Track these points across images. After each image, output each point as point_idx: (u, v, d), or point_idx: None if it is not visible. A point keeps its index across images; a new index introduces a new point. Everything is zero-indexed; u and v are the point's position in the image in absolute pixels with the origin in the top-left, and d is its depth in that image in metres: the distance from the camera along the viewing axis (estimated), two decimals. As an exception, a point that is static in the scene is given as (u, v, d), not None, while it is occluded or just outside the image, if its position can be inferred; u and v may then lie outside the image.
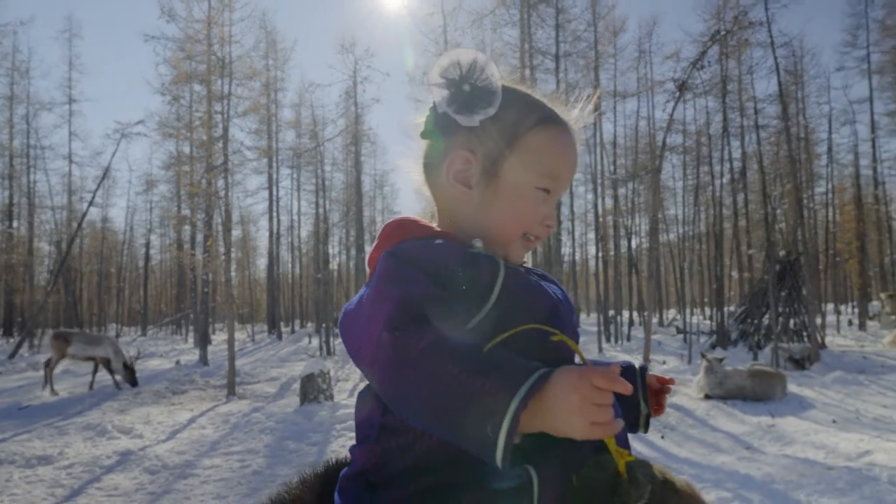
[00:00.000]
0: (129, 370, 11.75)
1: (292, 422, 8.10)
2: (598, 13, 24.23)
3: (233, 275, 15.69)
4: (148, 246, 39.58)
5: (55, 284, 26.73)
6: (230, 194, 15.32)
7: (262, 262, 42.00)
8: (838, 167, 31.00)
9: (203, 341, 17.87)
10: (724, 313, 20.25)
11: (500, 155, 0.97)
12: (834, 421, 7.71)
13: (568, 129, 1.02)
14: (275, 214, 31.87)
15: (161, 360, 17.99)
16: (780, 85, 16.65)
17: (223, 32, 15.35)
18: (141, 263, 41.96)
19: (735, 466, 5.81)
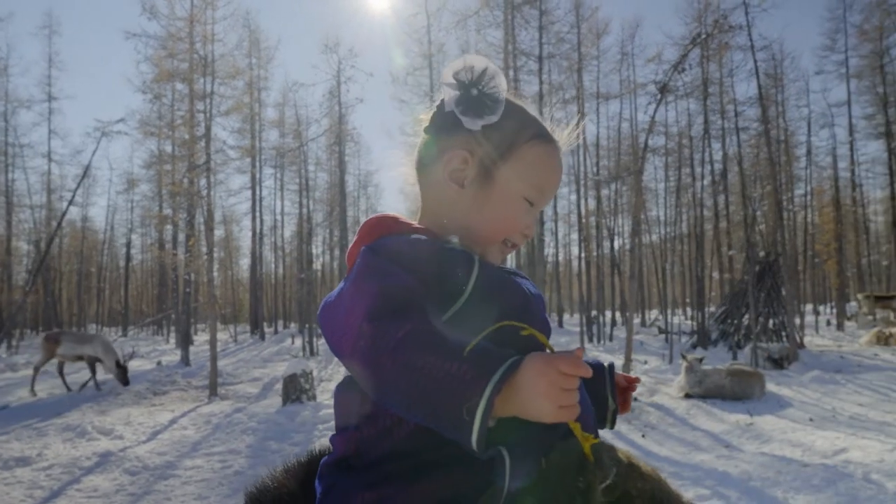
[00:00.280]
0: (122, 369, 11.51)
1: (274, 422, 8.08)
2: (582, 15, 24.41)
3: (215, 275, 15.59)
4: (129, 245, 39.22)
5: (34, 284, 26.37)
6: (212, 194, 15.20)
7: (245, 262, 41.74)
8: (817, 169, 31.48)
9: (185, 342, 17.73)
10: (705, 313, 20.44)
11: (496, 160, 1.02)
12: (811, 419, 7.83)
13: (558, 149, 1.07)
14: (258, 214, 31.73)
15: (142, 361, 17.80)
16: (760, 88, 16.86)
17: (206, 31, 15.28)
18: (122, 263, 41.57)
19: (714, 464, 5.88)
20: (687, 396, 9.52)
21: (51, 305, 31.27)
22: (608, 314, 29.59)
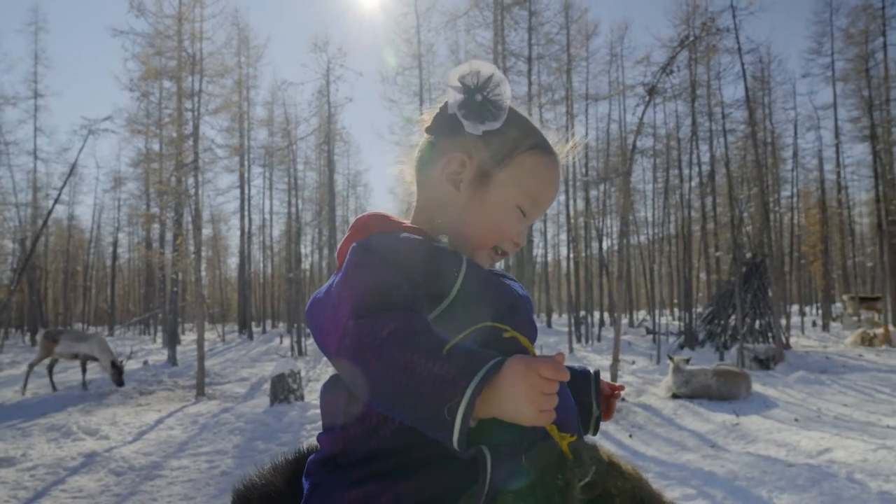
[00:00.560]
0: (117, 369, 11.42)
1: (262, 422, 8.05)
2: (571, 17, 24.49)
3: (203, 274, 15.51)
4: (116, 244, 38.93)
5: (19, 283, 26.11)
6: (200, 192, 15.12)
7: (234, 262, 41.59)
8: (803, 172, 31.74)
9: (172, 341, 17.62)
10: (693, 314, 20.57)
11: (494, 166, 1.03)
12: (796, 419, 7.90)
13: (557, 162, 1.08)
14: (246, 213, 31.59)
15: (129, 361, 17.68)
16: (748, 90, 16.98)
17: (194, 28, 15.19)
18: (108, 262, 41.19)
19: (700, 464, 5.92)
20: (674, 397, 9.58)
21: (36, 304, 30.97)
22: (596, 314, 29.72)
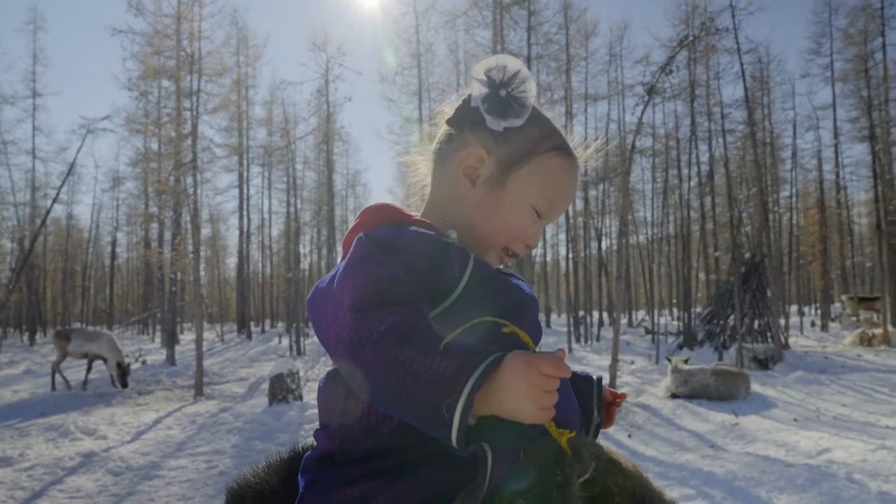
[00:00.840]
0: (122, 371, 11.46)
1: (260, 422, 8.03)
2: (570, 17, 24.50)
3: (202, 273, 15.49)
4: (114, 244, 38.87)
5: (17, 282, 26.08)
6: (199, 192, 15.10)
7: (232, 261, 41.55)
8: (802, 172, 31.76)
9: (170, 341, 17.61)
10: (692, 314, 20.57)
11: (513, 165, 1.00)
12: (795, 419, 7.89)
13: (576, 166, 1.06)
14: (245, 213, 31.56)
15: (136, 364, 17.69)
16: (747, 90, 16.99)
17: (193, 28, 15.16)
18: (107, 262, 41.15)
19: (699, 464, 5.92)
20: (673, 396, 9.57)
21: (34, 304, 30.94)
22: (595, 314, 29.71)
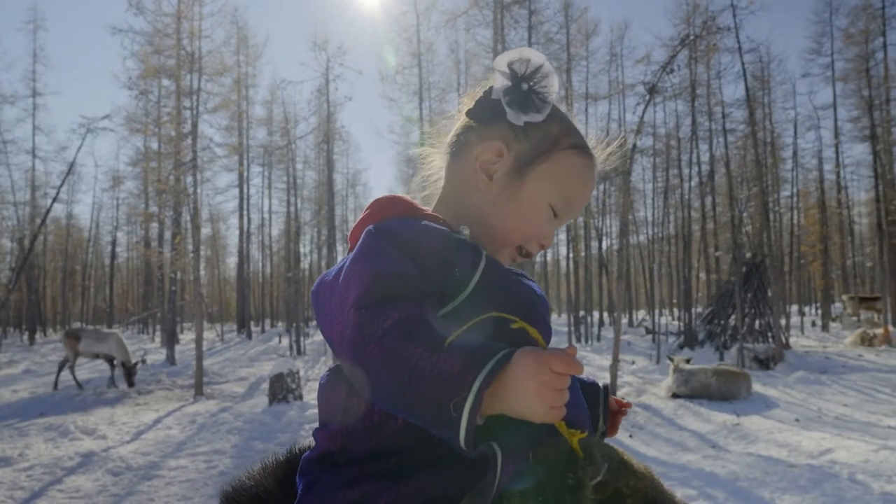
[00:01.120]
0: (128, 370, 11.52)
1: (260, 422, 8.02)
2: (571, 16, 24.45)
3: (202, 273, 15.47)
4: (114, 243, 38.81)
5: (17, 282, 26.06)
6: (199, 191, 15.08)
7: (232, 261, 41.53)
8: (803, 171, 31.73)
9: (170, 340, 17.59)
10: (692, 314, 20.55)
11: (532, 161, 0.98)
12: (797, 420, 7.87)
13: (594, 164, 1.04)
14: (245, 212, 31.53)
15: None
16: (748, 90, 16.96)
17: (193, 27, 15.14)
18: (107, 261, 41.09)
19: (701, 464, 5.89)
20: (674, 396, 9.55)
21: (34, 303, 30.93)
22: (596, 314, 29.68)
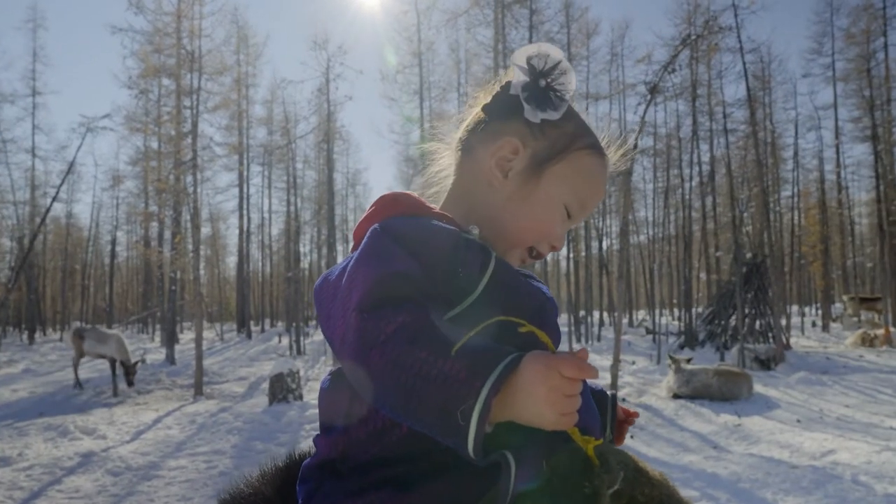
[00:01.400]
0: (127, 370, 11.48)
1: (260, 422, 7.99)
2: (572, 15, 24.46)
3: (202, 273, 15.45)
4: (114, 243, 38.75)
5: (17, 281, 26.04)
6: (199, 191, 15.06)
7: (232, 260, 41.49)
8: (804, 172, 31.72)
9: (170, 340, 17.57)
10: (693, 314, 20.53)
11: (548, 159, 0.96)
12: (798, 420, 7.85)
13: (607, 165, 1.02)
14: (245, 212, 31.51)
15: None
16: (749, 90, 16.93)
17: (193, 26, 15.12)
18: (107, 260, 41.02)
19: (702, 465, 5.87)
20: (675, 397, 9.53)
21: (34, 303, 30.91)
22: (596, 314, 29.67)
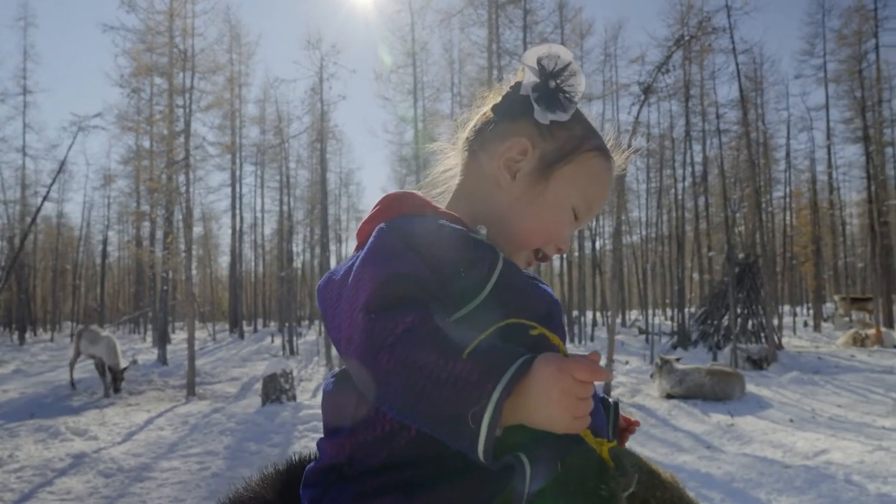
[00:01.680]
0: (114, 375, 11.15)
1: (253, 423, 7.95)
2: (566, 16, 24.47)
3: (194, 272, 15.39)
4: (105, 242, 38.56)
5: (7, 281, 25.87)
6: (191, 190, 14.99)
7: (225, 260, 41.44)
8: (795, 172, 31.89)
9: (162, 340, 17.48)
10: (685, 314, 20.60)
11: (557, 161, 0.96)
12: (791, 420, 7.87)
13: (613, 168, 1.02)
14: (238, 211, 31.42)
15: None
16: (742, 91, 16.99)
17: (185, 24, 15.03)
18: (98, 260, 40.82)
19: (696, 465, 5.88)
20: (668, 397, 9.55)
21: (24, 303, 30.70)
22: (589, 314, 29.73)
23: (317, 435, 7.52)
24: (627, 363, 14.52)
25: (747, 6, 15.05)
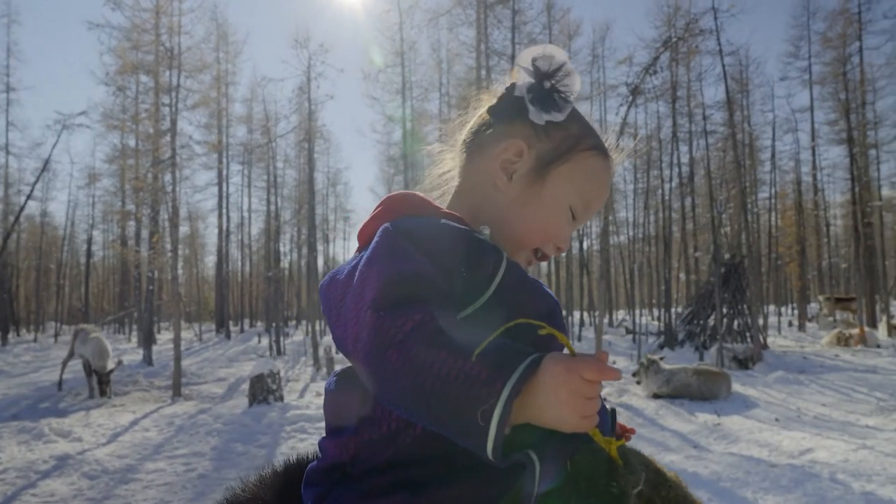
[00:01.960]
0: (100, 379, 10.85)
1: (240, 423, 7.90)
2: (554, 16, 24.57)
3: (180, 272, 15.28)
4: (90, 242, 38.21)
5: (-10, 281, 25.61)
6: (178, 190, 14.87)
7: (211, 260, 41.15)
8: (781, 173, 32.16)
9: (147, 340, 17.33)
10: (672, 314, 20.72)
11: (553, 161, 0.97)
12: (777, 419, 7.93)
13: (611, 167, 1.03)
14: (224, 211, 31.24)
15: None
16: (728, 92, 17.10)
17: (172, 22, 14.93)
18: (82, 260, 40.43)
19: (684, 465, 5.90)
20: (655, 397, 9.59)
21: (7, 303, 30.33)
22: (577, 314, 29.84)
23: (305, 435, 7.48)
24: (615, 363, 14.58)
25: (734, 8, 15.14)
